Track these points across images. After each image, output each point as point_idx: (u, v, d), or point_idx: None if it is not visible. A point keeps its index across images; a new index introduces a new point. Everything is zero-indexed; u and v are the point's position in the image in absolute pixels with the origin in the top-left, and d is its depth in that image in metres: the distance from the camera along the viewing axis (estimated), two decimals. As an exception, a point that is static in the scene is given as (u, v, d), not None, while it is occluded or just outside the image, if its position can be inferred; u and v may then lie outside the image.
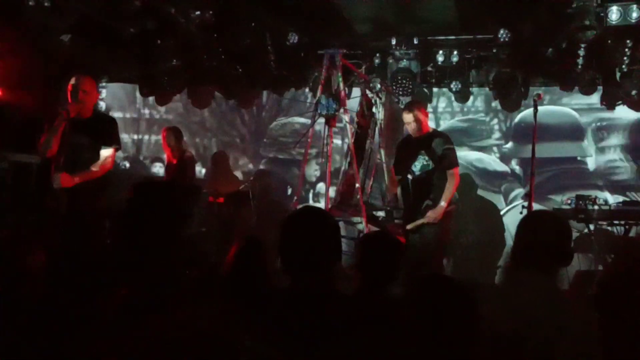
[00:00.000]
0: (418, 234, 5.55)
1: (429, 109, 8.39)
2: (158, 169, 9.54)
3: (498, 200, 8.48)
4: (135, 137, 9.87)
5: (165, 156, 7.65)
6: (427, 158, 5.60)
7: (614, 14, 6.00)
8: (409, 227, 5.57)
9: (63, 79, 8.19)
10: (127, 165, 9.47)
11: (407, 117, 5.69)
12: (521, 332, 2.10)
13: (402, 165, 5.79)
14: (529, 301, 2.23)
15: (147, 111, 9.75)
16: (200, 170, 9.08)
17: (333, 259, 2.34)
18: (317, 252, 2.28)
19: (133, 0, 6.65)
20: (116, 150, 5.15)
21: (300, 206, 6.55)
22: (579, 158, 8.25)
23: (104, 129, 5.05)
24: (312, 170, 8.70)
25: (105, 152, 5.00)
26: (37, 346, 2.04)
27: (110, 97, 9.36)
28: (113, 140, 5.09)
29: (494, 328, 2.09)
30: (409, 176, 5.74)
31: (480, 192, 8.08)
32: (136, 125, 9.79)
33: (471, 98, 8.37)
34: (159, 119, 9.68)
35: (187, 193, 7.13)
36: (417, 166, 5.66)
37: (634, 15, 5.97)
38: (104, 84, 8.93)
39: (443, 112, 8.94)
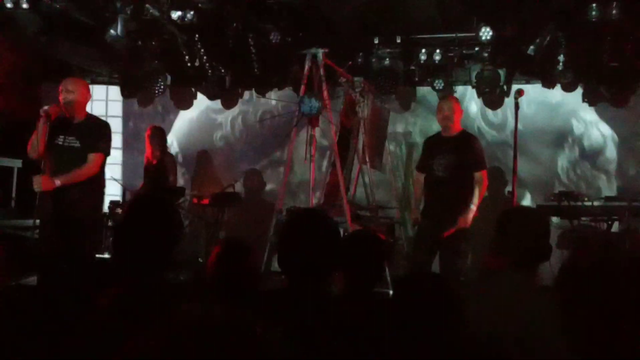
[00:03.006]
0: (460, 240, 5.36)
1: (413, 106, 8.44)
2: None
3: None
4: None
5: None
6: (455, 158, 5.47)
7: (593, 11, 6.05)
8: (446, 234, 5.41)
9: (44, 80, 8.16)
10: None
11: (446, 106, 5.58)
12: (500, 328, 2.11)
13: (428, 164, 5.66)
14: (508, 297, 2.25)
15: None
16: (184, 172, 9.06)
17: (333, 264, 2.36)
18: (319, 256, 2.29)
19: (115, 0, 6.64)
20: (103, 156, 5.02)
21: (288, 207, 6.58)
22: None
23: (93, 133, 4.97)
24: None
25: (90, 157, 4.92)
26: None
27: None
28: (100, 145, 4.98)
29: (473, 325, 2.10)
30: (434, 176, 5.58)
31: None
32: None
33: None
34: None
35: (170, 195, 7.12)
36: (442, 165, 5.52)
37: (613, 12, 6.03)
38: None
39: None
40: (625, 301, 1.39)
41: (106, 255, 6.99)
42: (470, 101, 8.19)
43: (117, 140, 9.25)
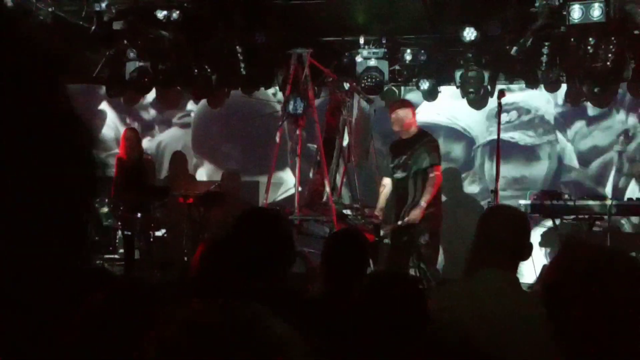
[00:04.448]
0: (404, 236, 5.54)
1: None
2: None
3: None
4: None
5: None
6: (408, 158, 5.63)
7: (576, 12, 6.10)
8: (385, 229, 5.59)
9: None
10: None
11: (391, 114, 5.83)
12: (480, 326, 2.13)
13: (390, 167, 5.94)
14: (488, 295, 2.26)
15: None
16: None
17: (284, 262, 2.33)
18: (265, 255, 2.27)
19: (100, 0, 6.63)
20: None
21: (273, 207, 6.58)
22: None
23: None
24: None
25: None
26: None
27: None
28: None
29: (453, 323, 2.12)
30: (394, 179, 5.87)
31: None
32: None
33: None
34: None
35: (155, 194, 7.14)
36: (399, 167, 5.70)
37: (596, 13, 6.08)
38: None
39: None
40: (615, 300, 1.40)
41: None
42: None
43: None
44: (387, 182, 6.04)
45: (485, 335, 2.11)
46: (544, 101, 8.01)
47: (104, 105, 9.30)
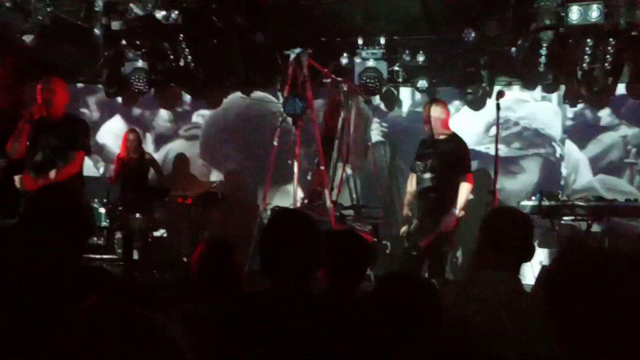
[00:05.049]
0: (433, 247, 5.36)
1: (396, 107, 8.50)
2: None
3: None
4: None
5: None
6: (436, 160, 5.45)
7: (574, 13, 6.11)
8: (422, 243, 5.33)
9: (29, 80, 8.10)
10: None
11: (424, 111, 5.66)
12: (483, 326, 2.14)
13: (415, 164, 5.70)
14: (491, 296, 2.27)
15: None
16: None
17: (316, 264, 2.34)
18: (301, 256, 2.27)
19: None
20: (83, 154, 5.04)
21: (273, 207, 6.58)
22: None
23: (73, 132, 4.97)
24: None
25: (72, 155, 4.91)
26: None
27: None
28: (80, 143, 4.99)
29: (454, 323, 2.13)
30: (418, 177, 5.62)
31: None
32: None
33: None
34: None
35: (155, 194, 7.16)
36: (426, 167, 5.53)
37: (594, 14, 6.09)
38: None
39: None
40: (616, 300, 1.39)
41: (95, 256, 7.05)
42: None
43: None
44: (413, 178, 5.80)
45: (487, 335, 2.11)
46: (552, 113, 8.10)
47: (117, 118, 9.37)
